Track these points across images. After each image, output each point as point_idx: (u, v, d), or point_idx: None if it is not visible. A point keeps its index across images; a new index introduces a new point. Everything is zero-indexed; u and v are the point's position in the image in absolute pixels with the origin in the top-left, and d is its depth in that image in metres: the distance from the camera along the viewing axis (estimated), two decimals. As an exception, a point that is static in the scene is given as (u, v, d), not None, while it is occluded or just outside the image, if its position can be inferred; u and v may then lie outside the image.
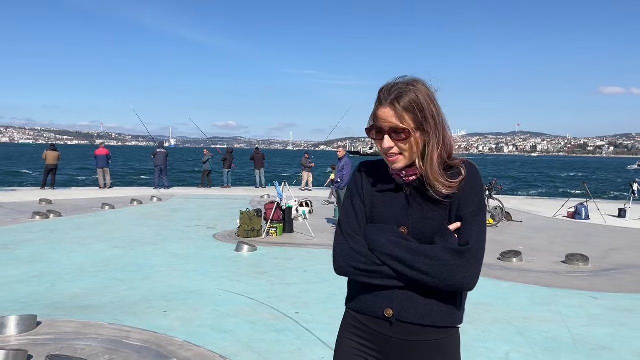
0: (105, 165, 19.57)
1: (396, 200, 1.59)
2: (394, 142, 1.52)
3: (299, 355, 4.01)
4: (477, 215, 1.52)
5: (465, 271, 1.47)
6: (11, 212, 12.12)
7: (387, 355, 1.58)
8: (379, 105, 1.55)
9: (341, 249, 1.61)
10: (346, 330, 1.66)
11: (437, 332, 1.54)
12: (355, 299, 1.63)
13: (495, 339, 4.45)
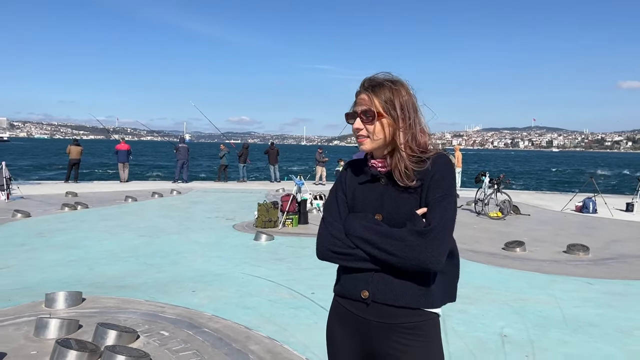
0: (125, 160, 20.25)
1: (373, 190, 1.73)
2: (362, 124, 1.69)
3: (314, 328, 4.52)
4: (442, 200, 1.63)
5: (428, 251, 1.57)
6: (41, 204, 12.79)
7: (369, 339, 1.69)
8: (357, 93, 1.74)
9: (321, 235, 1.77)
10: (332, 317, 1.80)
11: (412, 314, 1.63)
12: (339, 284, 1.77)
13: (492, 317, 4.92)
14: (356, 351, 1.73)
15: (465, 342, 4.25)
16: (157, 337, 4.18)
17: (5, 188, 13.69)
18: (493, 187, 12.91)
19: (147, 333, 4.26)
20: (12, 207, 11.59)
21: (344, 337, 1.74)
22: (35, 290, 5.44)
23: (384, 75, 1.71)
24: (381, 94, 1.68)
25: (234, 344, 4.08)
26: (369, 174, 1.74)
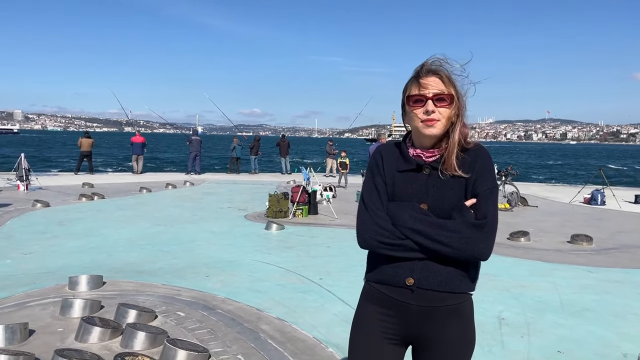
0: (140, 153, 20.63)
1: (416, 179, 1.72)
2: (435, 108, 1.66)
3: (322, 310, 4.78)
4: (491, 193, 1.68)
5: (483, 243, 1.63)
6: (58, 195, 13.18)
7: (406, 321, 1.72)
8: (421, 76, 1.69)
9: (366, 224, 1.74)
10: (367, 301, 1.80)
11: (453, 297, 1.68)
12: (376, 271, 1.76)
13: (492, 302, 5.14)
14: (389, 335, 1.75)
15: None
16: (174, 317, 4.46)
17: (24, 179, 14.11)
18: (501, 179, 13.05)
19: (164, 313, 4.54)
20: (32, 197, 11.98)
21: (379, 320, 1.75)
22: (58, 274, 5.76)
23: (445, 60, 1.70)
24: (452, 79, 1.69)
25: (246, 324, 4.35)
26: (412, 162, 1.73)
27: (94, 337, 3.90)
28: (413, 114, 1.69)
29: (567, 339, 4.21)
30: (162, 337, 3.85)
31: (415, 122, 1.69)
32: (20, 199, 12.20)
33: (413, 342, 1.76)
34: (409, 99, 1.70)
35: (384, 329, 1.74)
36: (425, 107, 1.65)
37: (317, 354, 3.79)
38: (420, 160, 1.72)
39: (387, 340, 1.75)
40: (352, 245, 7.89)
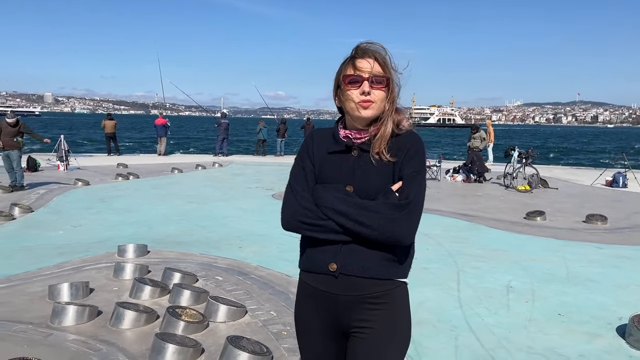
0: (163, 134, 21.32)
1: (344, 161, 1.70)
2: (372, 89, 1.65)
3: (345, 277, 5.27)
4: (416, 176, 1.64)
5: (403, 224, 1.59)
6: (96, 174, 13.93)
7: (336, 313, 1.69)
8: (357, 57, 1.68)
9: (289, 204, 1.71)
10: (301, 296, 1.79)
11: (379, 284, 1.64)
12: (304, 258, 1.75)
13: (502, 273, 5.56)
14: (326, 330, 1.73)
15: (474, 290, 4.93)
16: (212, 281, 5.02)
17: (64, 159, 14.91)
18: (522, 161, 13.29)
19: (204, 277, 5.10)
20: (72, 177, 12.73)
21: (314, 316, 1.74)
22: (107, 243, 6.38)
23: (380, 45, 1.72)
24: (387, 62, 1.69)
25: (277, 287, 4.88)
26: (341, 143, 1.72)
27: (146, 294, 4.48)
28: (348, 94, 1.67)
29: (568, 304, 4.62)
30: (204, 296, 4.40)
31: (350, 103, 1.67)
32: (62, 177, 12.98)
33: (346, 332, 1.72)
34: (344, 78, 1.68)
35: (319, 323, 1.73)
36: (362, 87, 1.64)
37: (340, 312, 4.29)
38: (350, 141, 1.71)
39: (327, 334, 1.74)
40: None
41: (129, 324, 3.85)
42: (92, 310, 4.03)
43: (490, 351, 3.62)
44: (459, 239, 7.18)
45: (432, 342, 3.74)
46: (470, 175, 14.44)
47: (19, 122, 10.84)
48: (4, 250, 6.02)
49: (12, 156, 10.52)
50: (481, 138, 15.44)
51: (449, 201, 10.85)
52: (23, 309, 4.18)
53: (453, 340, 3.79)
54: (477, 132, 15.48)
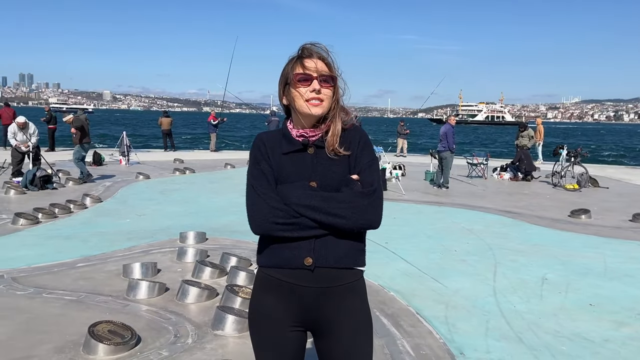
0: (213, 131, 22.19)
1: (302, 159, 1.73)
2: (321, 87, 1.71)
3: (386, 266, 5.65)
4: (372, 164, 1.75)
5: (374, 209, 1.69)
6: (155, 169, 14.82)
7: (304, 306, 1.70)
8: (305, 57, 1.74)
9: (258, 206, 1.69)
10: (261, 289, 1.76)
11: (350, 274, 1.71)
12: (270, 256, 1.72)
13: (539, 266, 5.78)
14: (290, 323, 1.74)
15: (509, 281, 5.20)
16: (265, 265, 5.51)
17: (126, 154, 15.93)
18: (570, 159, 13.18)
19: (257, 262, 5.60)
20: (133, 171, 13.64)
21: (276, 309, 1.73)
22: (169, 231, 7.00)
23: (324, 46, 1.78)
24: (331, 61, 1.76)
25: (323, 273, 5.31)
26: (297, 143, 1.75)
27: (206, 274, 5.02)
28: (298, 92, 1.71)
29: (600, 296, 4.83)
30: (258, 277, 4.89)
31: (299, 100, 1.71)
32: (124, 171, 13.93)
33: (312, 325, 1.75)
34: (294, 77, 1.72)
35: (281, 316, 1.73)
36: (312, 85, 1.70)
37: (380, 296, 4.68)
38: (306, 140, 1.74)
39: (288, 328, 1.74)
40: (417, 217, 8.70)
41: (193, 299, 4.38)
42: (160, 286, 4.59)
43: (519, 333, 3.91)
44: (500, 234, 7.39)
45: (464, 324, 4.07)
46: (517, 173, 14.42)
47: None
48: (81, 234, 6.75)
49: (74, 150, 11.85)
50: (529, 136, 15.37)
51: (494, 198, 10.98)
52: (103, 284, 4.80)
53: (484, 323, 4.10)
54: (525, 130, 15.41)
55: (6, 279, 4.84)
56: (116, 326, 3.58)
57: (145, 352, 3.45)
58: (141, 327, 3.77)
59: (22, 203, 8.76)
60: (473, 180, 14.04)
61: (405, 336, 3.80)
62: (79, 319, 3.94)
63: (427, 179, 13.68)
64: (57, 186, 10.75)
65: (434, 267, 5.59)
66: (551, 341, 3.79)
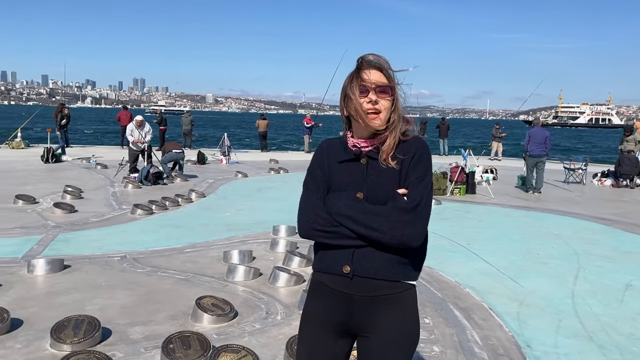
0: (307, 133, 23.00)
1: (354, 168, 1.77)
2: (378, 98, 1.74)
3: (465, 265, 5.85)
4: (422, 180, 1.72)
5: (411, 227, 1.66)
6: (252, 168, 15.82)
7: (348, 312, 1.75)
8: (363, 69, 1.77)
9: (303, 212, 1.81)
10: (312, 293, 1.85)
11: (392, 286, 1.71)
12: (318, 260, 1.81)
13: (625, 273, 5.68)
14: (333, 327, 1.79)
15: (590, 285, 5.21)
16: (348, 259, 5.94)
17: (226, 154, 17.13)
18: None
19: (341, 255, 6.04)
20: (233, 169, 14.69)
21: (323, 312, 1.79)
22: (263, 224, 7.65)
23: (381, 56, 1.80)
24: (389, 72, 1.78)
25: (403, 268, 5.64)
26: (350, 152, 1.79)
27: (295, 263, 5.55)
28: (355, 104, 1.74)
29: (687, 305, 4.72)
30: (341, 268, 5.33)
31: (357, 112, 1.74)
32: (224, 170, 15.04)
33: (356, 332, 1.80)
34: (352, 89, 1.76)
35: (328, 320, 1.78)
36: (369, 96, 1.73)
37: (456, 291, 4.93)
38: (358, 150, 1.77)
39: (333, 333, 1.80)
40: (503, 221, 8.70)
41: (282, 283, 4.91)
42: (255, 271, 5.18)
43: (591, 333, 4.01)
44: (589, 240, 7.25)
45: (535, 321, 4.23)
46: (619, 179, 13.67)
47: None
48: (188, 224, 7.60)
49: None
50: (635, 141, 14.49)
51: (589, 205, 10.59)
52: (206, 267, 5.50)
53: (556, 322, 4.23)
54: (630, 135, 14.56)
55: (128, 259, 5.69)
56: (218, 301, 4.18)
57: (242, 324, 4.02)
58: (238, 304, 4.35)
59: (138, 196, 9.91)
60: (570, 186, 13.53)
61: (475, 327, 4.06)
62: (187, 294, 4.61)
63: (520, 184, 13.40)
64: (167, 182, 11.94)
65: (513, 268, 5.71)
66: (623, 342, 3.86)
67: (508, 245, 6.89)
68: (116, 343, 3.61)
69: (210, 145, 26.82)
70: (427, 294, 4.81)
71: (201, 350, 3.34)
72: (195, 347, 3.36)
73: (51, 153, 15.10)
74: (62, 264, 5.23)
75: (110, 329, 3.80)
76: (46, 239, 6.46)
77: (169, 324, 3.98)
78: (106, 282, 4.92)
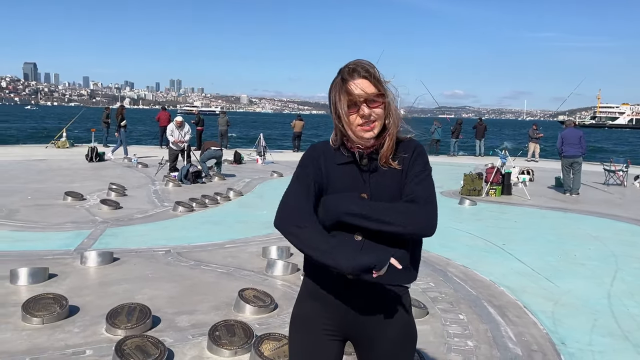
0: None
1: (355, 171, 1.72)
2: (369, 109, 1.66)
3: (500, 265, 5.90)
4: (421, 173, 1.70)
5: (424, 216, 1.64)
6: (287, 168, 16.03)
7: (345, 317, 1.72)
8: (348, 80, 1.67)
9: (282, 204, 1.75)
10: (305, 296, 1.80)
11: (393, 290, 1.69)
12: (314, 265, 1.69)
13: (666, 275, 5.63)
14: (328, 332, 1.75)
15: (628, 286, 5.20)
16: (383, 256, 6.06)
17: (262, 154, 17.45)
18: None
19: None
20: (268, 169, 14.97)
21: (319, 317, 1.74)
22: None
23: (365, 61, 1.71)
24: (378, 78, 1.70)
25: (437, 266, 5.74)
26: (349, 154, 1.73)
27: (332, 260, 5.70)
28: (349, 120, 1.68)
29: None
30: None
31: (352, 127, 1.68)
32: (260, 169, 15.34)
33: (352, 337, 1.77)
34: (341, 106, 1.68)
35: (321, 324, 1.74)
36: (361, 111, 1.66)
37: (491, 290, 5.00)
38: (359, 150, 1.71)
39: (326, 337, 1.75)
40: (540, 222, 8.66)
41: (320, 279, 5.08)
42: (293, 266, 5.36)
43: (627, 332, 4.03)
44: (628, 242, 7.17)
45: (570, 320, 4.27)
46: (662, 182, 13.32)
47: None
48: (227, 221, 7.87)
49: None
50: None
51: (630, 207, 10.39)
52: (246, 262, 5.72)
53: (592, 321, 4.26)
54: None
55: (172, 253, 5.96)
56: (259, 293, 4.38)
57: (282, 315, 4.20)
58: (278, 296, 4.54)
59: (178, 194, 10.26)
60: (610, 188, 13.26)
61: (510, 324, 4.13)
62: (229, 286, 4.83)
63: (557, 185, 13.22)
64: (206, 180, 12.29)
65: (548, 269, 5.73)
66: (660, 342, 3.87)
67: (544, 246, 6.88)
68: (165, 330, 3.85)
69: (245, 145, 27.27)
70: (461, 291, 4.90)
71: (245, 337, 3.54)
72: (239, 334, 3.56)
73: (95, 152, 15.71)
74: (112, 257, 5.54)
75: (160, 317, 4.04)
76: (95, 233, 6.82)
77: (213, 313, 4.20)
78: (152, 274, 5.20)
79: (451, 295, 4.79)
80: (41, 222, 7.35)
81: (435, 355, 3.57)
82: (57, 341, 3.61)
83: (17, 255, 5.65)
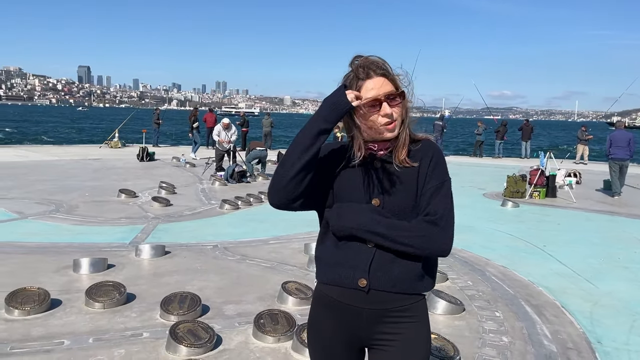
0: None
1: (367, 174, 1.67)
2: (392, 109, 1.61)
3: (539, 266, 5.91)
4: (441, 188, 1.65)
5: (442, 239, 1.62)
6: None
7: (359, 325, 1.68)
8: (365, 80, 1.62)
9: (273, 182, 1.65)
10: (318, 305, 1.75)
11: (407, 298, 1.66)
12: (327, 272, 1.69)
13: None
14: (345, 342, 1.73)
15: (670, 290, 5.13)
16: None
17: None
18: None
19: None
20: (311, 170, 15.23)
21: (334, 328, 1.72)
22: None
23: (378, 57, 1.66)
24: (394, 75, 1.66)
25: (476, 266, 5.82)
26: (360, 156, 1.66)
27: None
28: (371, 120, 1.63)
29: None
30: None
31: (374, 126, 1.63)
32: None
33: (367, 345, 1.75)
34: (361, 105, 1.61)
35: (335, 334, 1.72)
36: (383, 110, 1.61)
37: (529, 289, 5.05)
38: (373, 152, 1.67)
39: (341, 346, 1.73)
40: (584, 224, 8.55)
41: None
42: (334, 262, 5.56)
43: (666, 335, 4.03)
44: (676, 247, 7.01)
45: (608, 320, 4.29)
46: None
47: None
48: (271, 219, 8.15)
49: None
50: None
51: (682, 211, 10.07)
52: (289, 257, 5.97)
53: (631, 322, 4.27)
54: None
55: (220, 248, 6.28)
56: (301, 286, 4.61)
57: (322, 307, 4.41)
58: (319, 290, 4.75)
59: (224, 192, 10.65)
60: (661, 192, 12.84)
61: (546, 323, 4.20)
62: (273, 279, 5.09)
63: (606, 188, 12.90)
64: (251, 180, 12.67)
65: (590, 271, 5.71)
66: (700, 345, 3.85)
67: (587, 248, 6.82)
68: (214, 317, 4.13)
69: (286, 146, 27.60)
70: (499, 290, 4.98)
71: (287, 326, 3.77)
72: (282, 323, 3.79)
73: (145, 152, 16.41)
74: (164, 250, 5.90)
75: (208, 306, 4.33)
76: (148, 228, 7.24)
77: (257, 303, 4.45)
78: (201, 266, 5.51)
79: (488, 294, 4.88)
80: (98, 217, 7.85)
81: (469, 349, 3.69)
82: (117, 324, 3.94)
83: (78, 247, 6.10)
